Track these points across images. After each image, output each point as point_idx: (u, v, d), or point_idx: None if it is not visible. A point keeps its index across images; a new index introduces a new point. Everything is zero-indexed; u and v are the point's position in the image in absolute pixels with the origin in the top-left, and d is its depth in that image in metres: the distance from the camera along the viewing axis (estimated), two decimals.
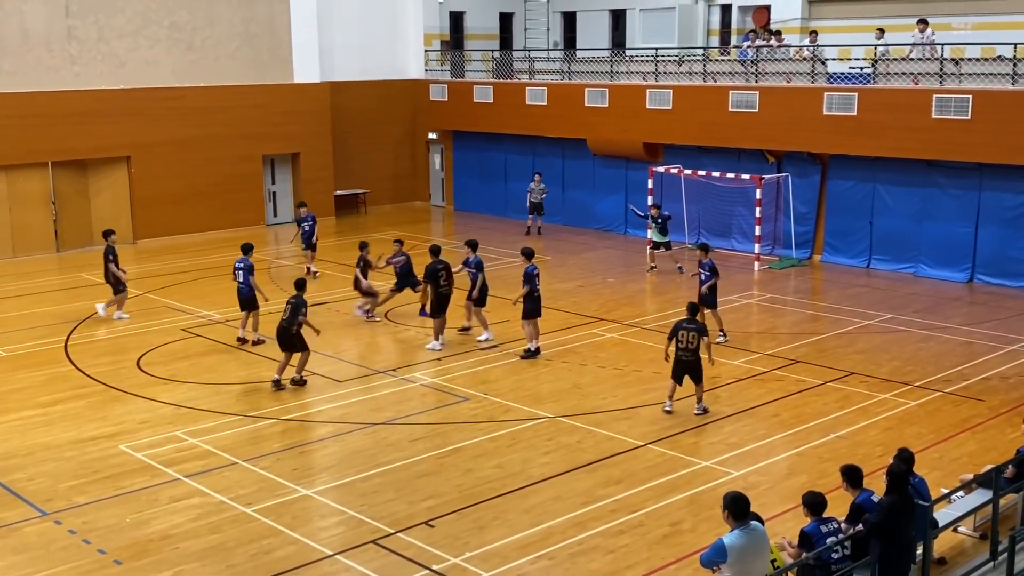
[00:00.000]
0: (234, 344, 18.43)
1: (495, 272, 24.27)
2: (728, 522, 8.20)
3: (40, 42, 26.50)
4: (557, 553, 10.74)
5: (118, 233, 27.87)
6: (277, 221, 31.22)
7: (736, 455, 13.29)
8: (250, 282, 18.47)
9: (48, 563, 10.59)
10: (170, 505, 11.92)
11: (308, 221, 23.95)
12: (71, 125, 26.81)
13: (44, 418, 14.88)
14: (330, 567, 10.53)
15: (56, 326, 19.67)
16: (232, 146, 29.59)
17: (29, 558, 10.71)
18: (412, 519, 11.50)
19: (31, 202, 26.77)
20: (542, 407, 15.08)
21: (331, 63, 31.89)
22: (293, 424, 14.57)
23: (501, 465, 13.01)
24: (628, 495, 12.09)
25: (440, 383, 16.21)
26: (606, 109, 28.45)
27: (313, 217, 24.12)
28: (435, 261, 18.07)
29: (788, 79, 25.50)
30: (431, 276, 17.90)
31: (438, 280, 17.89)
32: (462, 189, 33.75)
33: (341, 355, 17.78)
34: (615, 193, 29.53)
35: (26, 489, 12.36)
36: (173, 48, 28.64)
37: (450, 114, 32.94)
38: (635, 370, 16.82)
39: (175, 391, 15.96)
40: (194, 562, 10.60)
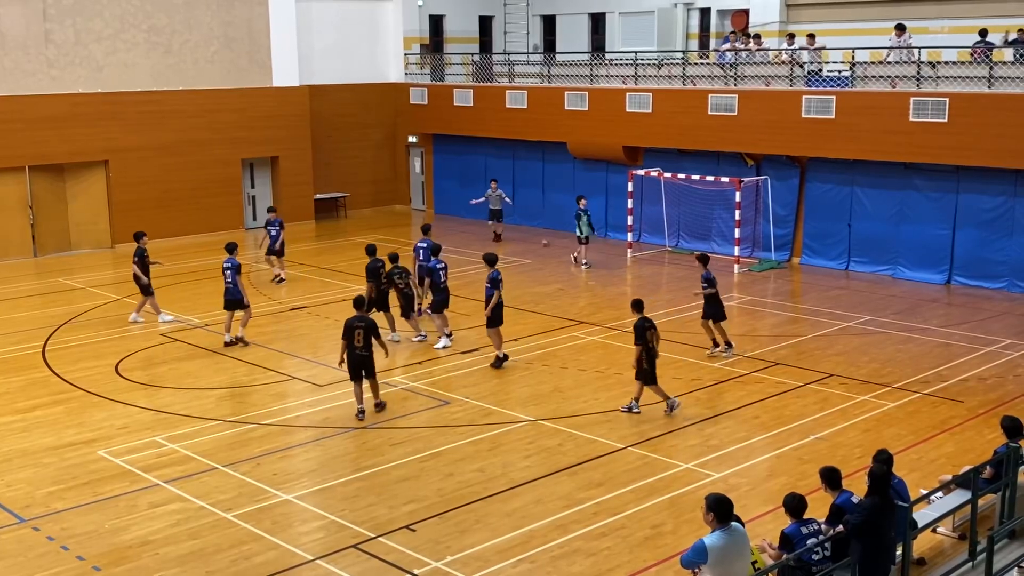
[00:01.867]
0: (214, 348, 18.34)
1: (478, 276, 24.26)
2: (711, 523, 8.21)
3: (17, 45, 26.32)
4: (538, 556, 10.73)
5: (95, 237, 27.94)
6: (256, 225, 31.09)
7: (716, 457, 13.33)
8: (237, 282, 18.39)
9: (26, 570, 10.50)
10: (149, 511, 11.85)
11: (275, 226, 23.58)
12: (48, 129, 26.64)
13: (22, 424, 14.76)
14: (311, 572, 10.49)
15: (34, 331, 19.52)
16: (211, 150, 29.47)
17: (7, 565, 10.61)
18: (393, 523, 11.48)
19: (8, 207, 26.57)
20: (523, 411, 15.08)
21: (310, 67, 31.82)
22: (273, 428, 14.51)
23: (482, 469, 13.00)
24: (609, 498, 12.10)
25: (421, 387, 16.18)
26: (586, 112, 28.50)
27: (280, 222, 23.79)
28: (374, 260, 18.79)
29: (767, 82, 25.63)
30: (372, 275, 18.58)
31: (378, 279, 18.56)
32: (442, 193, 33.72)
33: (321, 359, 17.72)
34: (595, 196, 29.53)
35: (3, 496, 12.25)
36: (151, 52, 28.50)
37: (430, 117, 32.91)
38: (616, 373, 16.84)
39: (154, 396, 15.87)
40: (174, 568, 10.53)
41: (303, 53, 31.43)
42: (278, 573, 10.44)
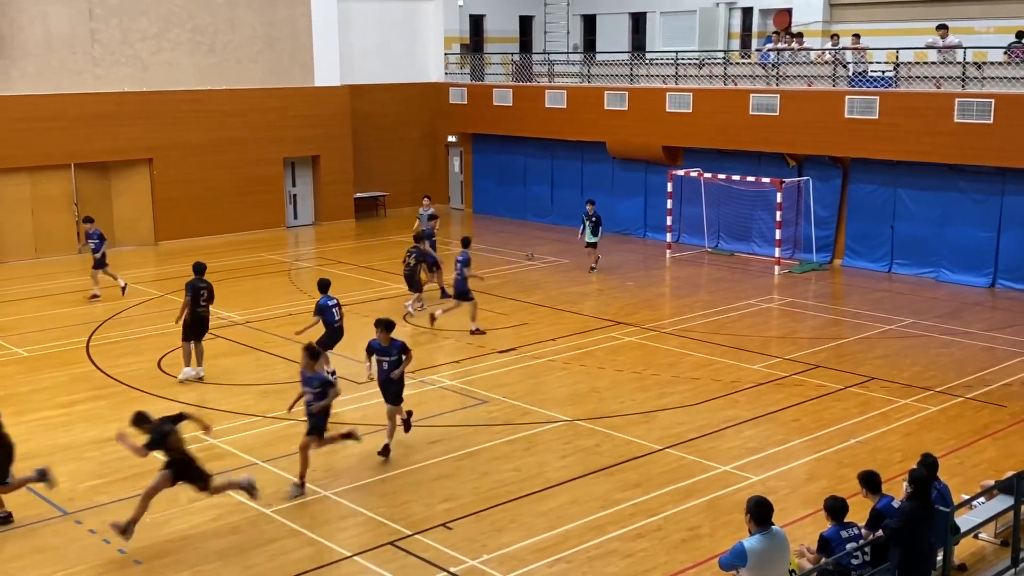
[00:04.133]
0: (254, 345, 18.49)
1: (513, 274, 24.30)
2: (749, 526, 8.17)
3: (63, 44, 26.71)
4: (574, 557, 10.72)
5: (139, 234, 28.28)
6: (297, 223, 31.36)
7: (755, 460, 13.24)
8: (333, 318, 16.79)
9: (68, 562, 10.66)
10: (189, 505, 11.98)
11: (94, 238, 21.68)
12: (94, 127, 27.01)
13: (65, 418, 14.98)
14: (348, 568, 10.55)
15: (78, 327, 19.80)
16: (253, 149, 29.73)
17: (50, 557, 10.78)
18: (429, 521, 11.52)
19: (54, 204, 26.99)
20: (560, 410, 15.07)
21: (351, 66, 32.00)
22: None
23: (518, 468, 13.01)
24: (646, 499, 12.07)
25: (459, 386, 16.22)
26: (625, 112, 28.42)
27: (99, 234, 21.85)
28: (197, 279, 16.74)
29: (809, 82, 25.42)
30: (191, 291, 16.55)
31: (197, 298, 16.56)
32: (481, 192, 33.78)
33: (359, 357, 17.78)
34: (634, 197, 29.49)
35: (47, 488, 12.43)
36: (195, 51, 28.81)
37: (469, 117, 32.98)
38: (653, 374, 16.78)
39: (195, 392, 16.03)
40: (213, 562, 10.64)
41: (344, 53, 31.62)
42: (316, 569, 10.52)
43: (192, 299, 16.43)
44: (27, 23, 26.06)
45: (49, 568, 10.54)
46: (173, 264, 25.87)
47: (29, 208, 26.62)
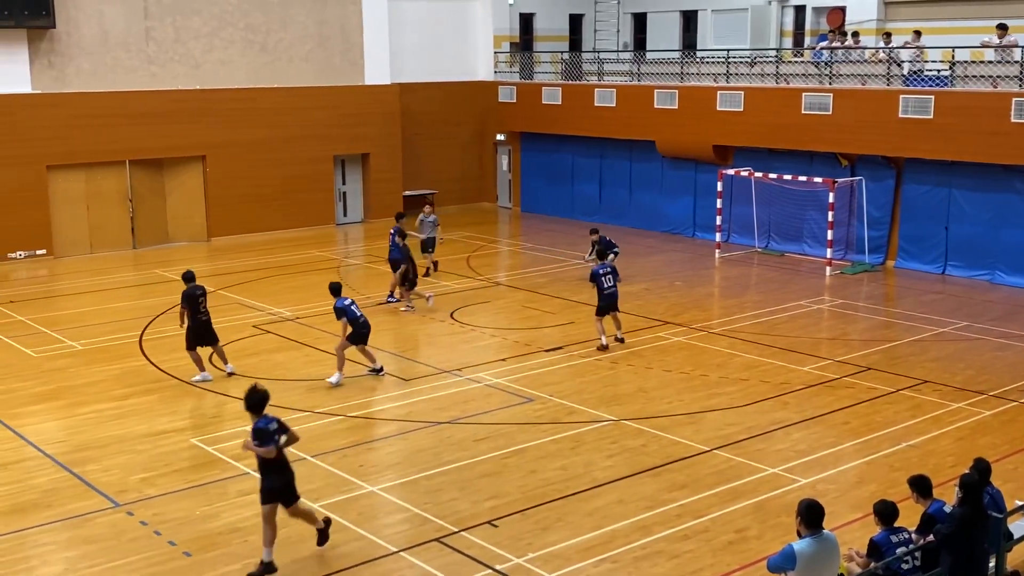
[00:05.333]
0: (303, 341, 18.66)
1: (561, 273, 24.28)
2: (800, 530, 8.09)
3: (119, 43, 27.12)
4: (620, 557, 10.68)
5: (191, 230, 28.67)
6: (347, 221, 31.58)
7: (804, 462, 13.10)
8: None
9: (120, 553, 10.82)
10: (239, 499, 12.10)
11: None
12: (148, 125, 27.40)
13: (118, 411, 15.21)
14: (394, 564, 10.60)
15: (131, 321, 20.09)
16: (303, 147, 29.99)
17: (101, 548, 10.95)
18: (475, 518, 11.54)
19: (109, 200, 27.43)
20: (606, 410, 15.02)
21: (401, 65, 32.16)
22: (359, 421, 14.71)
23: (564, 467, 12.99)
24: (693, 500, 11.99)
25: (505, 383, 16.24)
26: (675, 111, 28.26)
27: None
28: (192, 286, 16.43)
29: (863, 81, 25.10)
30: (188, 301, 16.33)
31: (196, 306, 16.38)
32: (529, 190, 33.78)
33: (406, 354, 17.91)
34: (683, 196, 29.31)
35: (100, 480, 12.65)
36: (247, 50, 29.12)
37: (518, 116, 33.00)
38: (701, 375, 16.67)
39: (245, 386, 16.11)
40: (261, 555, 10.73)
41: (394, 51, 31.78)
42: (362, 564, 10.58)
43: (191, 307, 16.23)
44: (84, 21, 26.50)
45: (102, 558, 10.70)
46: (224, 260, 26.19)
47: (84, 204, 27.07)
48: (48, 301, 22.31)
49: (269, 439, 10.39)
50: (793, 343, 18.31)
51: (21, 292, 22.87)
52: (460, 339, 18.98)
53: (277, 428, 10.54)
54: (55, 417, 15.02)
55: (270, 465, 10.50)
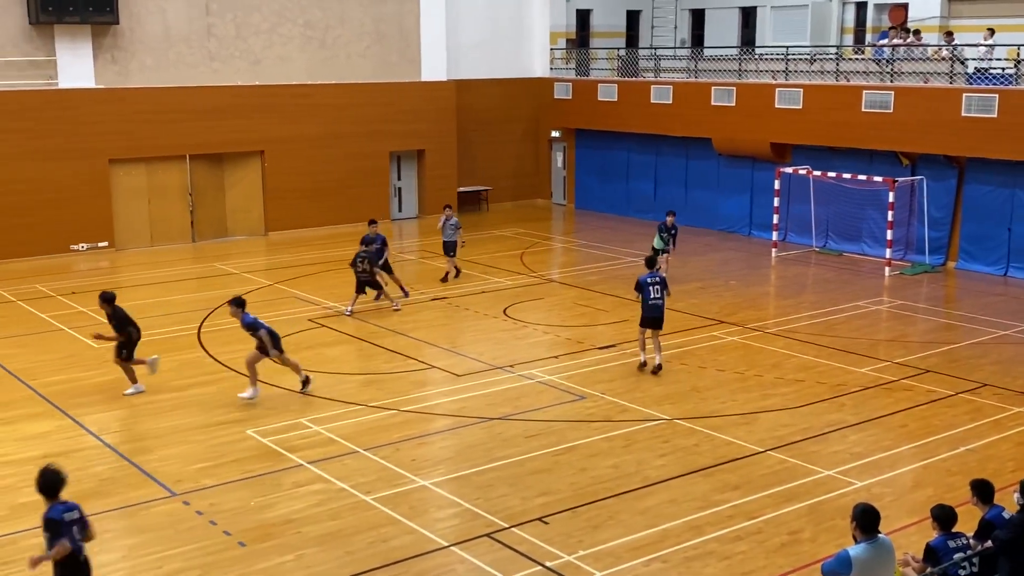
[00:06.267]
0: (358, 335, 18.80)
1: (614, 271, 24.20)
2: (855, 534, 7.98)
3: (181, 39, 27.52)
4: (671, 556, 10.63)
5: (249, 224, 29.03)
6: (401, 216, 31.76)
7: (860, 465, 12.93)
8: None
9: (176, 542, 10.99)
10: (293, 490, 12.24)
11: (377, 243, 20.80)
12: (208, 120, 27.77)
13: (176, 402, 15.45)
14: (445, 558, 10.65)
15: (190, 313, 20.39)
16: (360, 143, 30.21)
17: (158, 537, 11.13)
18: (526, 515, 11.55)
19: (170, 194, 27.85)
20: (659, 409, 14.95)
21: (457, 61, 32.25)
22: (412, 415, 14.79)
23: (616, 465, 12.95)
24: (746, 501, 11.89)
25: (557, 381, 16.22)
26: (733, 108, 28.02)
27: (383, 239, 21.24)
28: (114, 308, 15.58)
29: (925, 79, 24.67)
30: None
31: None
32: (583, 188, 33.70)
33: (459, 349, 17.97)
34: (740, 194, 29.06)
35: (157, 470, 12.86)
36: (306, 46, 29.39)
37: (574, 112, 32.93)
38: (756, 375, 16.52)
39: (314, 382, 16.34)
40: (314, 547, 10.85)
41: (451, 48, 31.88)
42: (414, 557, 10.64)
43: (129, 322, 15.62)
44: (146, 17, 26.93)
45: (158, 547, 10.88)
46: (281, 254, 26.49)
47: (146, 197, 27.52)
48: None
49: (64, 531, 8.36)
50: (850, 344, 18.07)
51: (83, 283, 23.31)
52: (512, 335, 18.99)
53: (77, 519, 8.46)
54: (114, 407, 15.29)
55: (67, 569, 8.38)
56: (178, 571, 10.37)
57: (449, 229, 22.71)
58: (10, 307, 21.03)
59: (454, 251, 22.81)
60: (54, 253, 26.01)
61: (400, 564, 10.50)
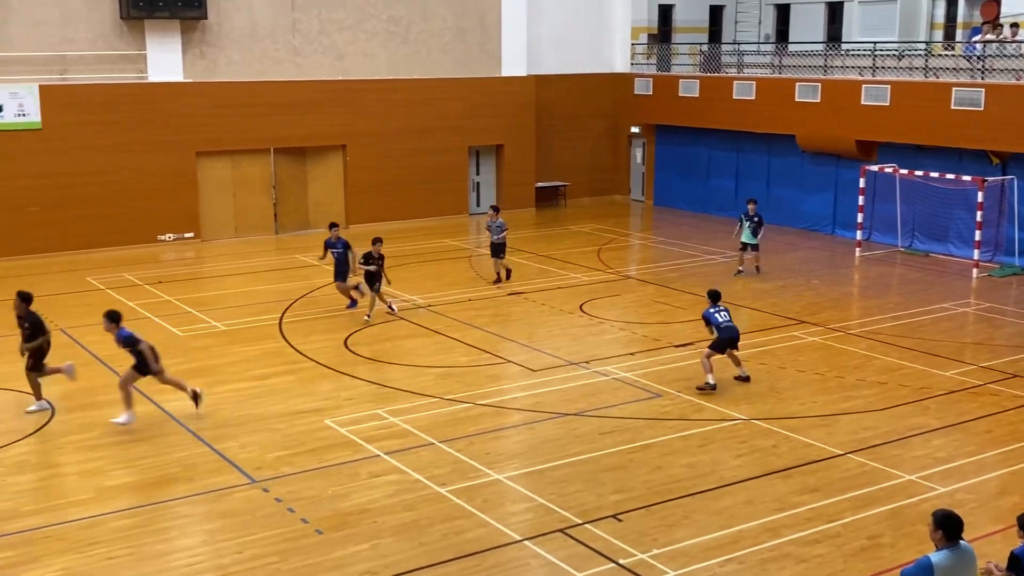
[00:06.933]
0: (435, 328, 18.93)
1: (693, 268, 23.99)
2: (936, 540, 7.80)
3: (267, 34, 27.99)
4: (747, 558, 10.51)
5: (331, 217, 29.28)
6: (479, 211, 31.88)
7: (943, 470, 12.63)
8: None
9: (255, 528, 11.19)
10: (369, 480, 12.38)
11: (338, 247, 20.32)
12: (292, 114, 28.21)
13: (256, 390, 15.73)
14: (518, 552, 10.67)
15: (271, 304, 20.74)
16: (439, 137, 30.40)
17: (238, 522, 11.35)
18: (600, 511, 11.52)
19: (254, 187, 28.37)
20: (736, 409, 14.78)
21: (537, 57, 32.24)
22: (487, 409, 14.84)
23: (691, 464, 12.84)
24: (824, 504, 11.69)
25: (633, 378, 16.14)
26: (818, 104, 27.54)
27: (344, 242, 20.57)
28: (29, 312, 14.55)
29: (1017, 76, 23.96)
30: None
31: None
32: (663, 184, 33.45)
33: (535, 345, 17.98)
34: (824, 192, 28.57)
35: (237, 457, 13.11)
36: (389, 41, 29.67)
37: (654, 108, 32.70)
38: (837, 376, 16.23)
39: (378, 371, 16.55)
40: (389, 537, 10.96)
41: (531, 43, 31.89)
42: (487, 550, 10.68)
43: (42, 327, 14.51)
44: (234, 13, 27.44)
45: (238, 532, 11.10)
46: (361, 247, 26.72)
47: (231, 190, 28.07)
48: (195, 282, 23.24)
49: None
50: (935, 347, 17.66)
51: (169, 273, 23.89)
52: (588, 331, 18.95)
53: None
54: None
55: None
56: (257, 556, 10.56)
57: (496, 230, 22.18)
58: (99, 295, 21.63)
59: (502, 253, 22.30)
60: (142, 243, 26.68)
61: (474, 557, 10.56)
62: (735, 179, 30.97)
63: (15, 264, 24.49)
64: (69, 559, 10.52)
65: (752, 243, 23.34)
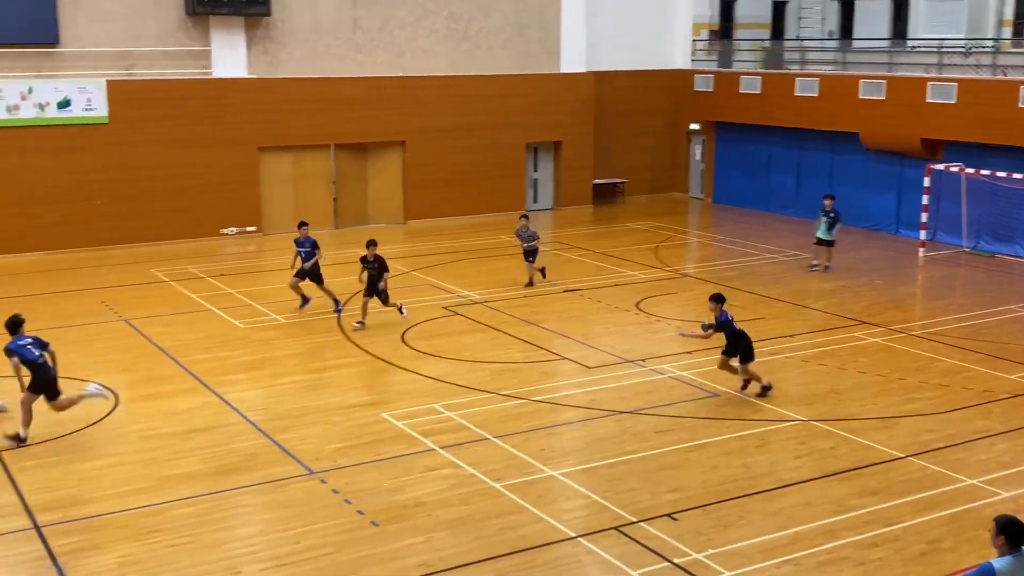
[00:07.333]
0: (491, 324, 18.97)
1: (752, 267, 23.75)
2: (1000, 547, 7.64)
3: (329, 31, 28.24)
4: (804, 560, 10.39)
5: (389, 213, 29.62)
6: (536, 207, 31.87)
7: (1007, 475, 12.37)
8: None
9: (312, 519, 11.32)
10: (425, 474, 12.45)
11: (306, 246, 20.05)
12: (353, 110, 28.44)
13: (315, 383, 15.90)
14: (572, 548, 10.67)
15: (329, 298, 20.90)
16: (498, 134, 30.44)
17: (295, 513, 11.49)
18: (655, 510, 11.46)
19: (315, 181, 28.64)
20: (795, 409, 14.61)
21: (597, 53, 32.12)
22: (542, 406, 14.85)
23: (748, 465, 12.72)
24: (884, 507, 11.52)
25: (689, 377, 16.03)
26: (882, 102, 27.10)
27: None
28: None
29: None
30: None
31: None
32: (722, 182, 33.16)
33: (591, 342, 17.94)
34: (887, 191, 28.12)
35: (296, 448, 13.26)
36: (449, 38, 29.77)
37: (714, 105, 32.44)
38: (898, 378, 15.98)
39: (434, 366, 16.63)
40: (444, 530, 11.02)
41: (591, 39, 31.79)
42: (541, 546, 10.69)
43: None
44: (297, 10, 27.72)
45: (294, 523, 11.23)
46: (419, 242, 26.96)
47: (291, 185, 28.38)
48: (256, 275, 23.54)
49: None
50: (1001, 349, 17.30)
51: (231, 266, 24.23)
52: (645, 329, 18.86)
53: None
54: (257, 386, 15.85)
55: None
56: (314, 547, 10.68)
57: (527, 238, 21.72)
58: (163, 287, 22.01)
59: (534, 257, 21.76)
60: (205, 236, 27.09)
61: (528, 552, 10.57)
62: (796, 177, 30.61)
63: (82, 256, 25.02)
64: (130, 546, 10.72)
65: (826, 239, 23.13)
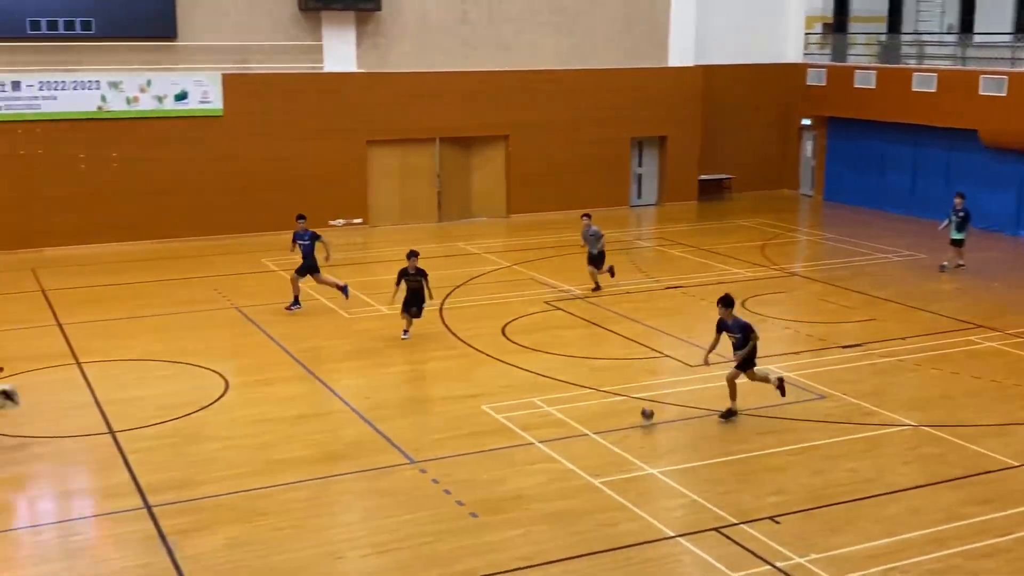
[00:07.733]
0: (593, 320, 18.89)
1: (865, 267, 23.15)
2: None
3: (437, 25, 28.48)
4: (911, 568, 10.08)
5: (492, 207, 29.74)
6: (640, 203, 31.63)
7: None
8: None
9: (412, 508, 11.44)
10: (523, 467, 12.47)
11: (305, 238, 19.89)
12: (459, 104, 28.63)
13: (417, 374, 16.09)
14: (671, 548, 10.56)
15: (433, 290, 21.01)
16: (602, 128, 30.27)
17: (396, 501, 11.63)
18: (757, 512, 11.27)
19: (419, 175, 28.94)
20: (905, 414, 14.19)
21: (706, 47, 31.67)
22: (643, 403, 14.71)
23: (855, 469, 12.41)
24: (997, 517, 11.11)
25: (795, 378, 15.70)
26: (1004, 98, 26.11)
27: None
28: None
29: None
30: None
31: None
32: (833, 178, 32.37)
33: (693, 339, 17.72)
34: (1007, 190, 27.09)
35: (399, 437, 13.42)
36: (556, 32, 29.71)
37: (827, 100, 31.69)
38: (1016, 384, 15.39)
39: (535, 360, 16.65)
40: (542, 524, 11.02)
41: (700, 33, 31.37)
42: (640, 544, 10.61)
43: None
44: (407, 5, 28.03)
45: (394, 511, 11.36)
46: (521, 236, 27.02)
47: (398, 178, 28.73)
48: (361, 267, 23.92)
49: None
50: None
51: (338, 257, 24.58)
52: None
53: None
54: (362, 375, 16.09)
55: None
56: (413, 535, 10.80)
57: (592, 240, 20.81)
58: (273, 276, 22.54)
59: (601, 264, 20.80)
60: (313, 228, 27.53)
61: (626, 550, 10.50)
62: (912, 175, 29.72)
63: (196, 244, 25.77)
64: (237, 528, 11.00)
65: (956, 238, 22.56)
